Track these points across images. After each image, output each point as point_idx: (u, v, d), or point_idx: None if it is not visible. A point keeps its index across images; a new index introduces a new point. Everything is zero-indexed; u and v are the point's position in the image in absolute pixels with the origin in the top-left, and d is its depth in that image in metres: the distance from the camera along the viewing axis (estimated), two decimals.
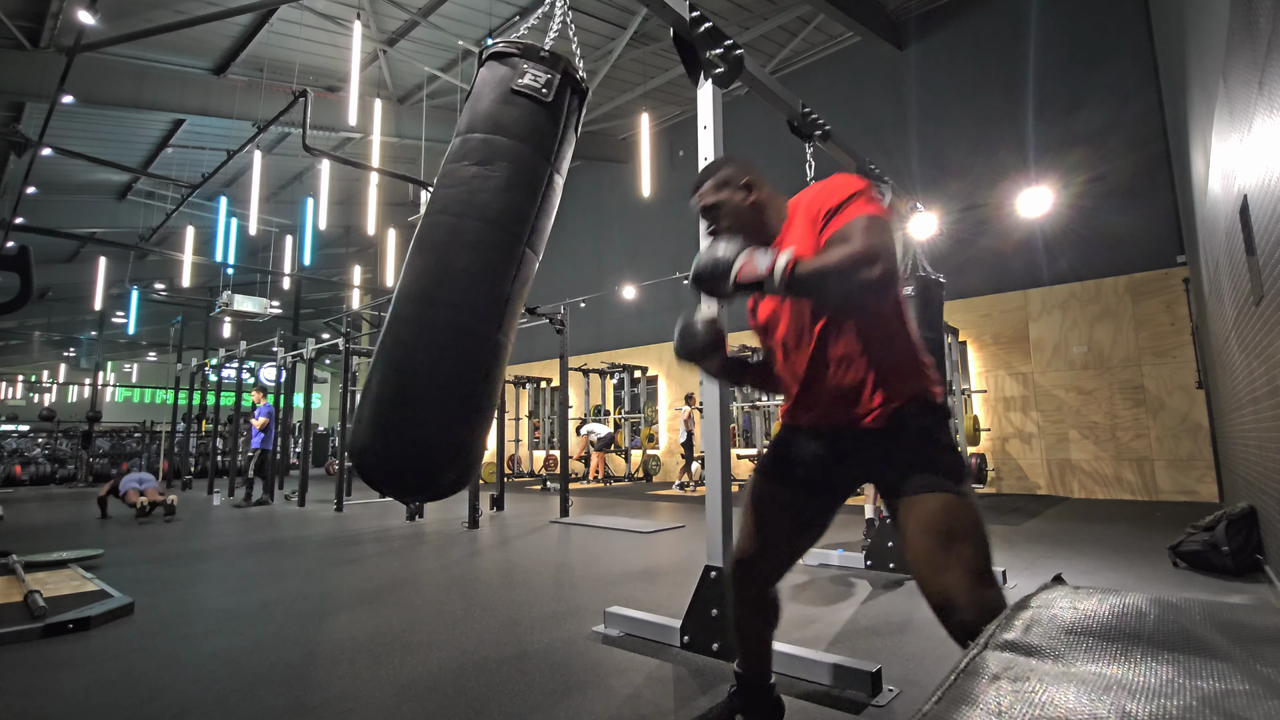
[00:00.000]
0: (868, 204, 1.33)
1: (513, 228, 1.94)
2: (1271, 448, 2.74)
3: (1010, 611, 0.65)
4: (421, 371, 1.78)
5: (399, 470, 1.76)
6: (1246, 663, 0.51)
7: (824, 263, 1.25)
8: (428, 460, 1.77)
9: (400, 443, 1.75)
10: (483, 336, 1.87)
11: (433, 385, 1.78)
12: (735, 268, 1.30)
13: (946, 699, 0.48)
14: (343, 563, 4.16)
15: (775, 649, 2.06)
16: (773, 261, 1.26)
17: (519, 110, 2.01)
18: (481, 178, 1.92)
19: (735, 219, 1.54)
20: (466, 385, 1.82)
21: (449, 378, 1.80)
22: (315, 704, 1.89)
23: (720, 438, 2.34)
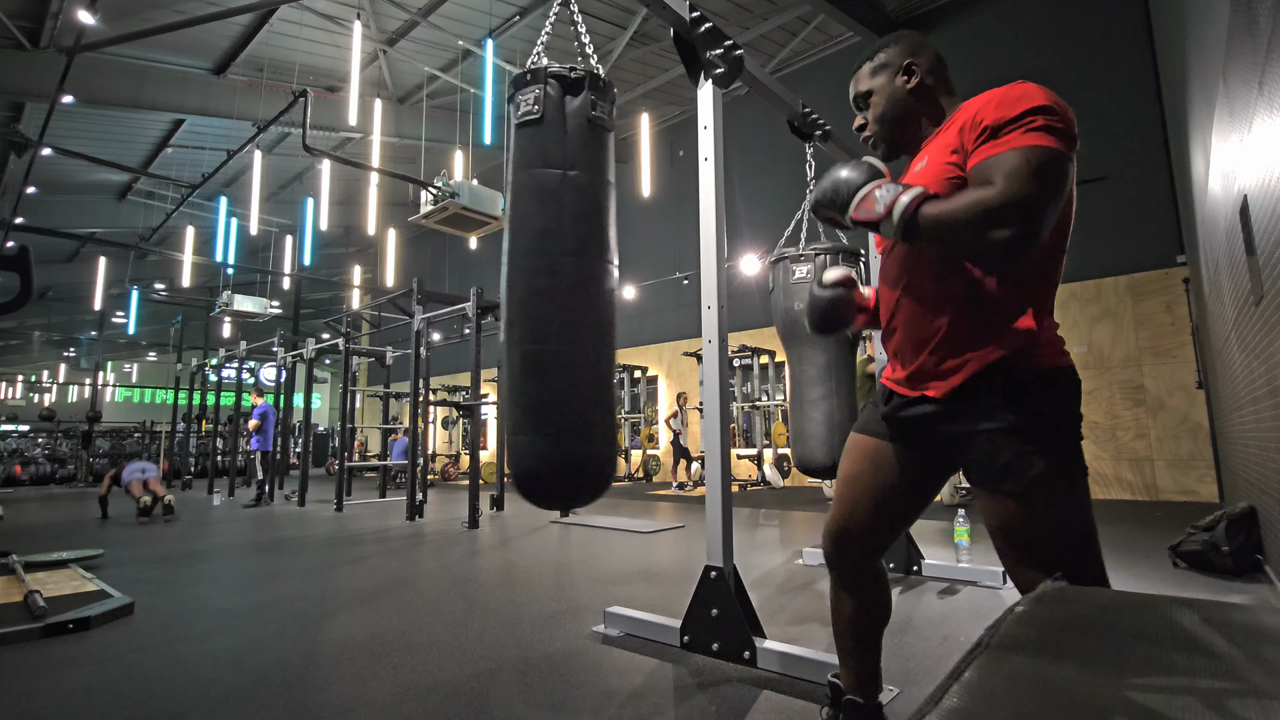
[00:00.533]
0: (1036, 133, 1.01)
1: (609, 255, 2.13)
2: (1271, 448, 2.74)
3: (1010, 611, 0.65)
4: (549, 399, 2.01)
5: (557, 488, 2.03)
6: (1246, 663, 0.51)
7: (950, 211, 1.01)
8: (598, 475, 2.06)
9: (550, 465, 2.00)
10: (609, 359, 2.13)
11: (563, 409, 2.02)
12: (857, 199, 1.11)
13: (946, 699, 0.48)
14: (343, 563, 4.16)
15: (775, 649, 2.07)
16: (893, 200, 1.06)
17: (529, 140, 2.12)
18: (588, 214, 2.09)
19: (890, 109, 1.28)
20: (606, 407, 2.10)
21: (595, 405, 2.06)
22: (315, 704, 1.89)
23: (720, 438, 2.34)
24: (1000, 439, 1.09)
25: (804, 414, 3.58)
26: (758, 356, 10.10)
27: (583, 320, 2.04)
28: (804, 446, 3.58)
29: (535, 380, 2.01)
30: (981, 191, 0.99)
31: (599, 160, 2.13)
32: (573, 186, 2.06)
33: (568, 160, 2.07)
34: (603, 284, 2.10)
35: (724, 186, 2.47)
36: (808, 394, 3.55)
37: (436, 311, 7.21)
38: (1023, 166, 0.98)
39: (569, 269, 2.04)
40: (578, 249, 2.05)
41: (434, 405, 9.73)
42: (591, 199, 2.09)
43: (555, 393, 2.00)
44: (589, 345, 2.05)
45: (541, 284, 2.03)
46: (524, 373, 2.02)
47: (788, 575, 3.53)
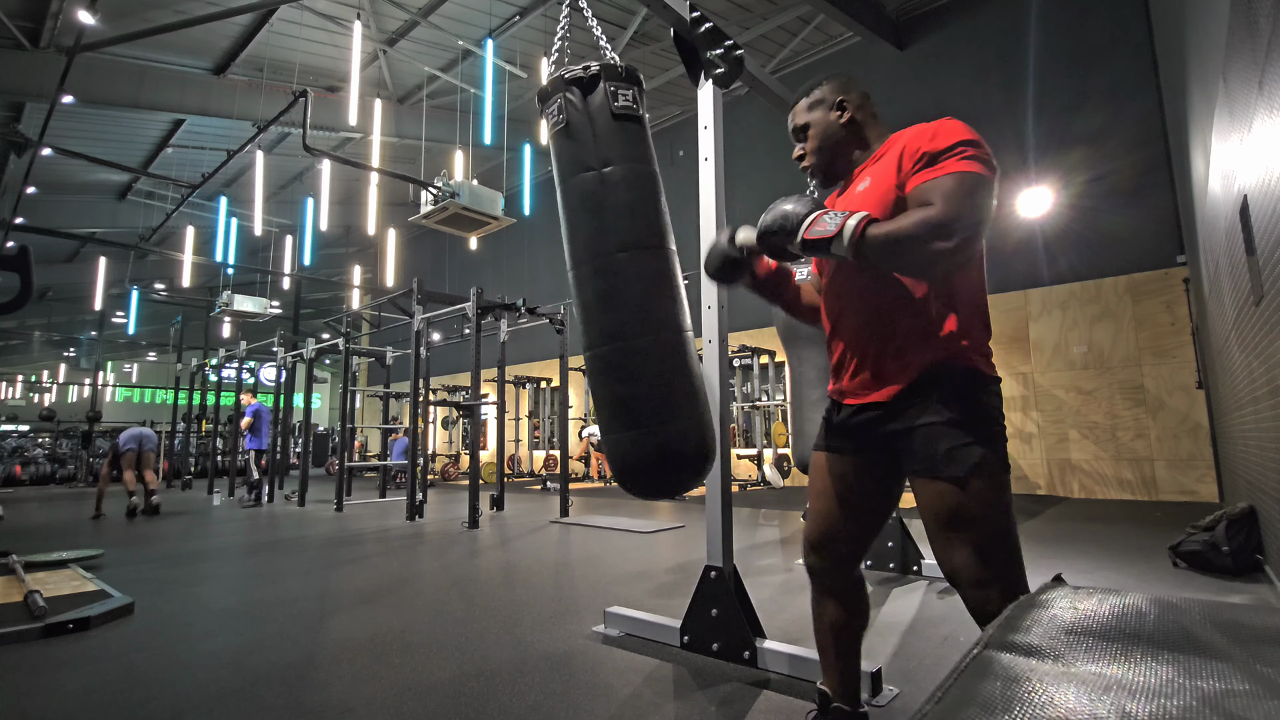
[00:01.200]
0: (968, 160, 1.16)
1: (665, 242, 2.14)
2: (1271, 448, 2.74)
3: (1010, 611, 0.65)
4: (639, 393, 2.01)
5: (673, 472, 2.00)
6: (1246, 663, 0.51)
7: (897, 229, 1.13)
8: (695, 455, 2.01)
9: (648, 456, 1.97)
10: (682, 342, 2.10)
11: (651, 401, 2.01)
12: (806, 223, 1.20)
13: (946, 699, 0.48)
14: (343, 563, 4.16)
15: (775, 649, 2.07)
16: (842, 223, 1.16)
17: (561, 149, 2.12)
18: (632, 206, 2.09)
19: (825, 140, 1.42)
20: (689, 390, 2.06)
21: (685, 385, 2.04)
22: (315, 704, 1.89)
23: (720, 438, 2.34)
24: (940, 430, 1.22)
25: (804, 414, 3.58)
26: (758, 356, 10.09)
27: (648, 311, 2.04)
28: (804, 447, 3.58)
29: (613, 378, 2.03)
30: (925, 211, 1.13)
31: (632, 151, 2.11)
32: (610, 184, 2.06)
33: (600, 159, 2.06)
34: (661, 271, 2.08)
35: (724, 186, 2.47)
36: (808, 395, 3.55)
37: (436, 311, 7.22)
38: (962, 186, 1.14)
39: (624, 265, 2.04)
40: (627, 244, 2.04)
41: (434, 405, 9.74)
42: (632, 191, 2.08)
43: (633, 387, 2.00)
44: (659, 334, 2.04)
45: (601, 286, 2.04)
46: (602, 374, 2.04)
47: (788, 575, 3.53)
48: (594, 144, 2.08)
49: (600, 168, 2.06)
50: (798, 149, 1.49)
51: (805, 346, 3.56)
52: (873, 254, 1.15)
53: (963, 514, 1.18)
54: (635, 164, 2.11)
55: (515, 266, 14.89)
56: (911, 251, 1.13)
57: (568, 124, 2.09)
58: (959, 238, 1.11)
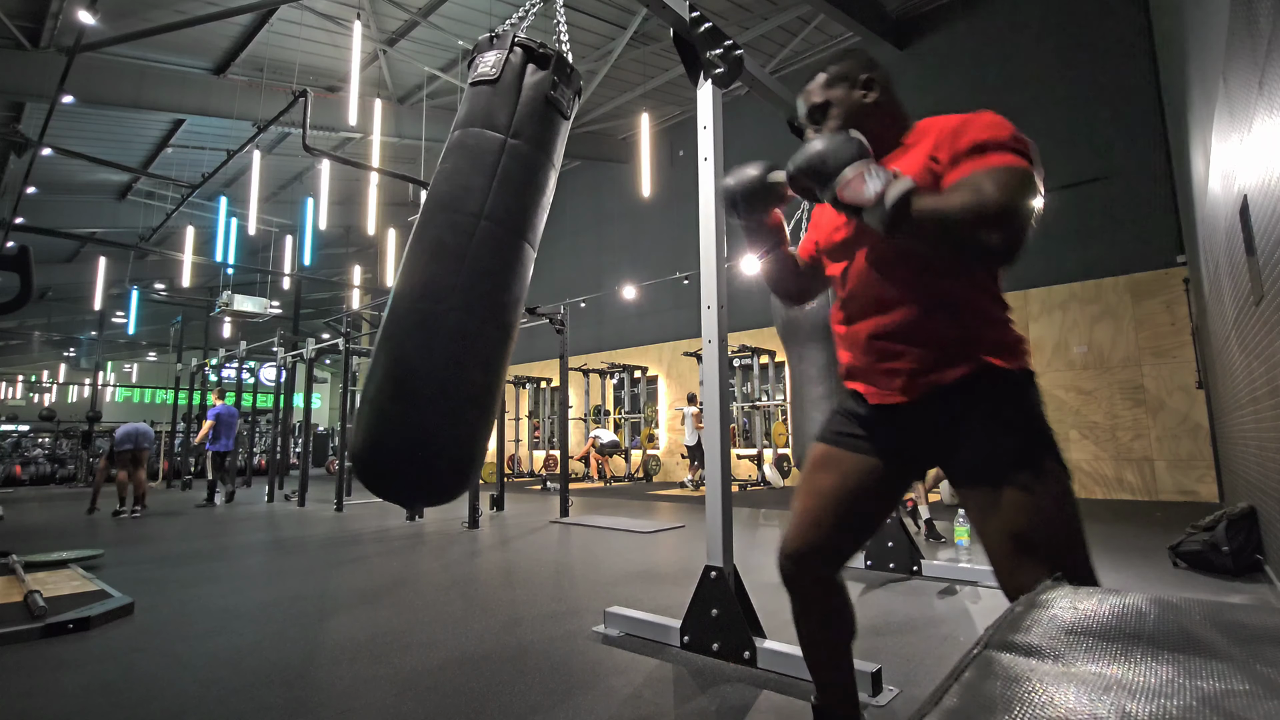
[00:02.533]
0: (1020, 156, 1.04)
1: (528, 236, 1.99)
2: (1271, 448, 2.74)
3: (1010, 611, 0.65)
4: (418, 366, 1.74)
5: (397, 471, 1.72)
6: (1246, 663, 0.51)
7: (948, 205, 1.00)
8: (427, 457, 1.72)
9: (396, 440, 1.70)
10: (496, 339, 1.87)
11: (430, 380, 1.74)
12: (845, 177, 1.05)
13: (946, 699, 0.48)
14: (343, 563, 4.16)
15: (775, 649, 2.07)
16: (884, 187, 1.01)
17: (476, 99, 2.05)
18: (518, 185, 1.97)
19: (849, 121, 1.24)
20: (464, 378, 1.79)
21: (446, 370, 1.77)
22: (315, 704, 1.89)
23: (720, 438, 2.34)
24: (990, 435, 1.10)
25: (805, 414, 3.58)
26: (758, 356, 10.09)
27: (486, 293, 1.85)
28: (804, 446, 3.58)
29: (414, 339, 1.78)
30: (980, 194, 1.00)
31: (547, 138, 2.05)
32: (511, 153, 1.97)
33: (513, 128, 1.99)
34: (515, 259, 1.94)
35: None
36: (808, 393, 3.55)
37: None
38: (1015, 181, 1.01)
39: (484, 235, 1.88)
40: (498, 216, 1.91)
41: None
42: (528, 171, 1.99)
43: (430, 359, 1.76)
44: (484, 321, 1.84)
45: (448, 240, 1.86)
46: (405, 329, 1.80)
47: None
48: (514, 110, 2.01)
49: (508, 135, 1.99)
50: (811, 131, 1.29)
51: (805, 344, 3.56)
52: (913, 229, 1.02)
53: (1023, 526, 1.04)
54: (541, 151, 2.04)
55: None
56: (957, 234, 1.01)
57: (498, 79, 2.02)
58: (1011, 229, 0.99)
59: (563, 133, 2.14)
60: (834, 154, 1.07)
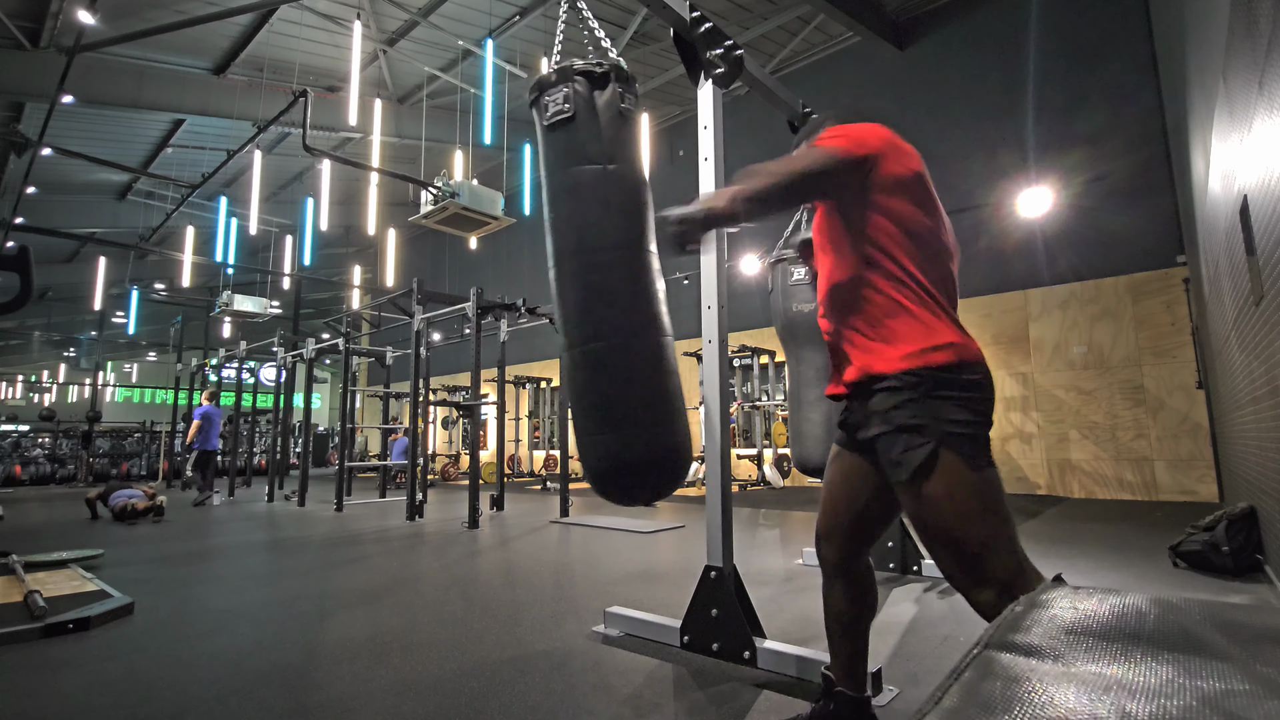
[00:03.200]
0: (821, 142, 1.39)
1: (650, 244, 2.15)
2: (1271, 448, 2.74)
3: (1010, 611, 0.65)
4: (613, 396, 2.04)
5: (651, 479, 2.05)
6: (1246, 663, 0.51)
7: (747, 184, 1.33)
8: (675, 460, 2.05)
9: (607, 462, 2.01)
10: (663, 345, 2.13)
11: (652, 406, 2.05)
12: (676, 213, 1.38)
13: (946, 699, 0.48)
14: (343, 563, 4.16)
15: (775, 649, 2.07)
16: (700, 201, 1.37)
17: (560, 139, 2.13)
18: (629, 206, 2.11)
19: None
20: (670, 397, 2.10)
21: (673, 388, 2.09)
22: (315, 704, 1.89)
23: (720, 438, 2.34)
24: (890, 437, 1.27)
25: (802, 414, 3.58)
26: (758, 356, 10.09)
27: (640, 312, 2.06)
28: (802, 446, 3.58)
29: (600, 377, 2.03)
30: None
31: (635, 152, 2.15)
32: (614, 180, 2.06)
33: (606, 154, 2.07)
34: (652, 275, 2.12)
35: (724, 186, 2.47)
36: (806, 395, 3.55)
37: (436, 311, 7.21)
38: (801, 155, 1.37)
39: (619, 263, 2.04)
40: (625, 242, 2.05)
41: (434, 405, 9.74)
42: (633, 190, 2.10)
43: (620, 388, 2.02)
44: (649, 336, 2.06)
45: (595, 280, 2.03)
46: (588, 372, 2.04)
47: (788, 575, 3.53)
48: (600, 138, 2.07)
49: (605, 163, 2.06)
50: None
51: (804, 346, 3.56)
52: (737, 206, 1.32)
53: (927, 518, 1.21)
54: (635, 165, 2.14)
55: (515, 266, 14.89)
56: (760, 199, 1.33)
57: (574, 115, 2.08)
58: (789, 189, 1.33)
59: (641, 135, 2.25)
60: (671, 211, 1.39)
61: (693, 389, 11.36)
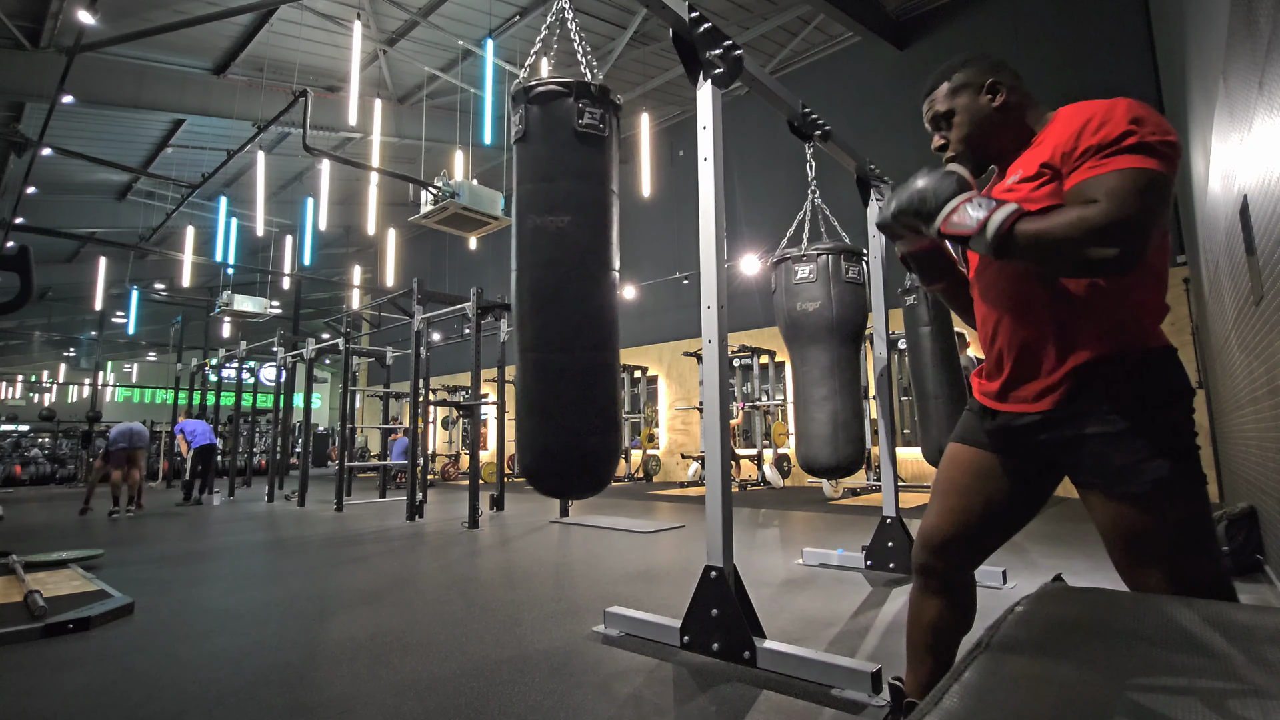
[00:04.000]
0: (1142, 154, 1.00)
1: (608, 263, 2.28)
2: (1271, 448, 2.74)
3: (1010, 611, 0.65)
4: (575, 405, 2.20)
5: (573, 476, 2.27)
6: (1246, 663, 0.51)
7: (1050, 228, 0.99)
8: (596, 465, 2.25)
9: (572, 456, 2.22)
10: (607, 364, 2.26)
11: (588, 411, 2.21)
12: (946, 211, 1.08)
13: (946, 699, 0.48)
14: (343, 563, 4.16)
15: (775, 649, 2.07)
16: (987, 216, 1.03)
17: (585, 151, 2.23)
18: (576, 226, 2.21)
19: (974, 129, 1.26)
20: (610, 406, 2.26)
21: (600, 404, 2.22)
22: (315, 704, 1.89)
23: (720, 438, 2.34)
24: (1114, 441, 1.08)
25: (808, 414, 3.58)
26: (758, 356, 10.09)
27: (585, 326, 2.20)
28: (808, 446, 3.58)
29: (542, 384, 2.20)
30: (1084, 210, 0.98)
31: (589, 168, 2.22)
32: (562, 196, 2.18)
33: (554, 173, 2.20)
34: (602, 291, 2.23)
35: (724, 186, 2.47)
36: (812, 394, 3.55)
37: (436, 311, 7.21)
38: (1128, 187, 0.98)
39: (570, 280, 2.18)
40: (573, 259, 2.20)
41: (434, 405, 9.74)
42: (585, 207, 2.20)
43: (558, 394, 2.18)
44: (591, 350, 2.21)
45: (543, 293, 2.20)
46: (534, 377, 2.23)
47: (788, 575, 3.53)
48: (550, 157, 2.23)
49: (552, 180, 2.22)
50: (938, 138, 1.33)
51: (808, 346, 3.56)
52: (1020, 254, 1.03)
53: (1149, 536, 1.05)
54: (588, 182, 2.24)
55: None
56: (1065, 255, 1.00)
57: (524, 134, 2.25)
58: (1123, 243, 0.96)
59: (605, 150, 2.29)
60: (934, 191, 1.11)
61: (693, 389, 11.36)
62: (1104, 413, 1.09)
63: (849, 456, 3.49)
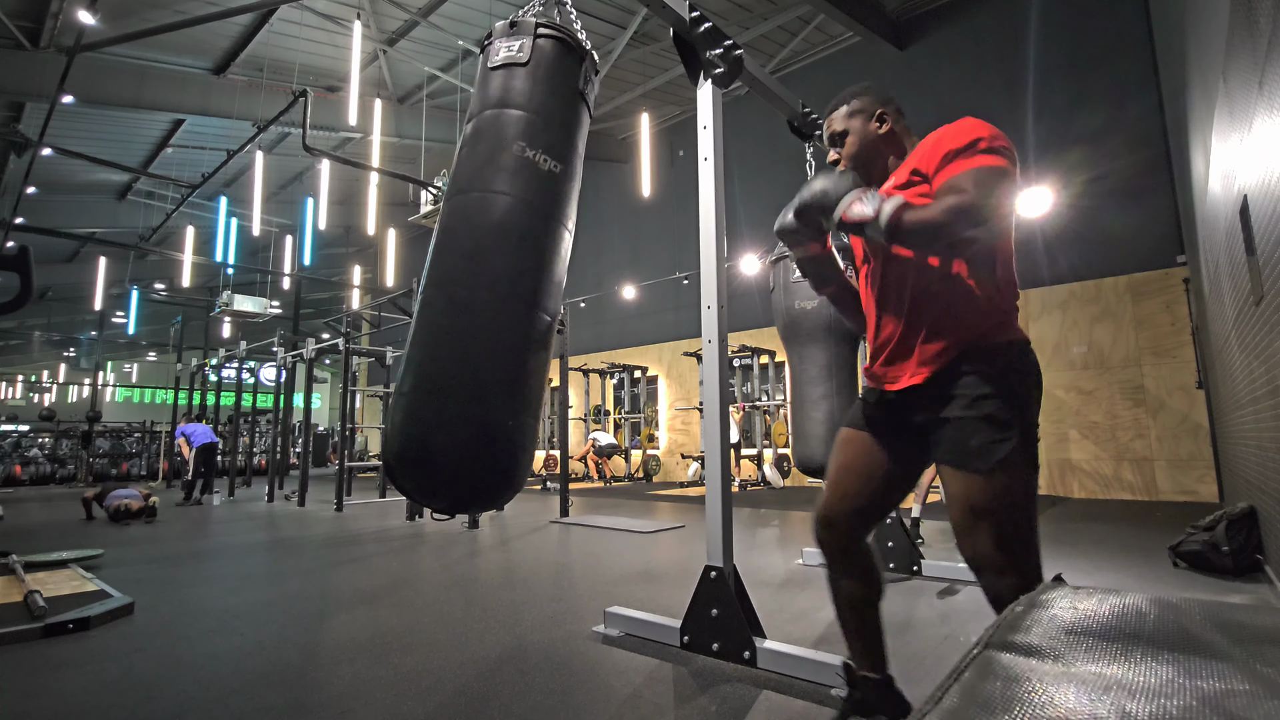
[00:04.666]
0: (989, 155, 1.27)
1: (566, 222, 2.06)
2: (1271, 448, 2.74)
3: (1010, 611, 0.65)
4: (456, 358, 1.70)
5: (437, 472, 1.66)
6: (1246, 663, 0.51)
7: (929, 214, 1.22)
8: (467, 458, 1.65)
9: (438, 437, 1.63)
10: (513, 313, 1.83)
11: (468, 371, 1.69)
12: (843, 205, 1.29)
13: (946, 699, 0.48)
14: (343, 563, 4.16)
15: (775, 649, 2.07)
16: (879, 206, 1.24)
17: (497, 81, 2.11)
18: (469, 153, 2.04)
19: (862, 148, 1.51)
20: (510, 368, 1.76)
21: (488, 361, 1.73)
22: (315, 704, 1.89)
23: (720, 438, 2.34)
24: (972, 424, 1.28)
25: (805, 413, 3.58)
26: (758, 356, 10.09)
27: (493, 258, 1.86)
28: (805, 446, 3.57)
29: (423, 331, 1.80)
30: (956, 197, 1.22)
31: (569, 121, 2.11)
32: (540, 127, 2.02)
33: (475, 108, 2.09)
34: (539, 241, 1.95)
35: (724, 186, 2.47)
36: (808, 393, 3.55)
37: None
38: (987, 177, 1.24)
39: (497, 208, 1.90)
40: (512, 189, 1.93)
41: None
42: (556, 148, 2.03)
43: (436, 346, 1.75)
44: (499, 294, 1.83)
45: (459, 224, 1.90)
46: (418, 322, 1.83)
47: (788, 575, 3.53)
48: (476, 96, 2.10)
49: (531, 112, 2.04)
50: (833, 153, 1.57)
51: (806, 344, 3.56)
52: (906, 235, 1.23)
53: (987, 504, 1.25)
54: (504, 109, 2.07)
55: None
56: (942, 235, 1.23)
57: (528, 63, 2.08)
58: (989, 221, 1.22)
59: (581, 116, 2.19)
60: (834, 187, 1.31)
61: (693, 389, 11.36)
62: (963, 397, 1.29)
63: None
